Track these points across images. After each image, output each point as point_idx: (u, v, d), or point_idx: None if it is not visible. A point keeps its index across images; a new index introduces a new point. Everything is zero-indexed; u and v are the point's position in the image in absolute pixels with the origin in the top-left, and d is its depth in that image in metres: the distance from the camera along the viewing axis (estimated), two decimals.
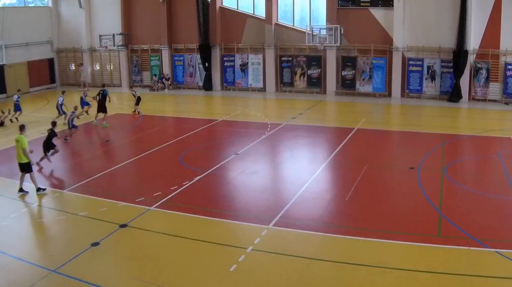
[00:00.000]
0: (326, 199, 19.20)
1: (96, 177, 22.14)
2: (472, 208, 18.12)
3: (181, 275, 13.33)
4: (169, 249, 14.94)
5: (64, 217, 18.08)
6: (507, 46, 41.55)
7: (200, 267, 13.64)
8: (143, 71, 52.08)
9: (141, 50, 51.83)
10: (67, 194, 20.45)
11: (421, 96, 44.11)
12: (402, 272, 13.24)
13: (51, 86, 53.76)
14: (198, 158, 25.33)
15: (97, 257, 14.58)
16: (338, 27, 44.14)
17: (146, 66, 51.83)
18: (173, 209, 18.06)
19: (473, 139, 29.01)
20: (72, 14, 53.95)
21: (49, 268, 13.95)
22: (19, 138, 19.48)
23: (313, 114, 37.38)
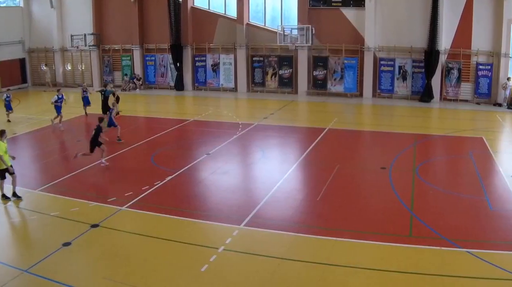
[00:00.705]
0: (298, 199, 18.72)
1: (67, 177, 21.39)
2: (443, 208, 17.69)
3: (153, 275, 13.00)
4: (140, 249, 14.58)
5: (36, 217, 17.47)
6: (479, 46, 40.57)
7: (171, 267, 13.32)
8: (114, 71, 50.24)
9: (113, 50, 50.06)
10: (39, 193, 19.70)
11: (393, 96, 42.90)
12: (374, 272, 12.99)
13: (22, 86, 51.92)
14: (169, 158, 24.63)
15: (69, 257, 14.19)
16: (309, 27, 42.63)
17: (117, 66, 50.13)
18: (144, 209, 17.58)
19: (444, 140, 28.47)
20: (44, 14, 51.99)
21: (21, 268, 13.56)
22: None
23: (285, 114, 36.37)
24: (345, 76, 43.54)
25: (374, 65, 42.69)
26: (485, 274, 12.92)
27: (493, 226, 16.11)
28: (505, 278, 12.58)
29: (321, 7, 43.77)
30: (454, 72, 41.72)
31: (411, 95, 42.41)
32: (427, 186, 19.87)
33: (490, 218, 16.76)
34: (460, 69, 41.52)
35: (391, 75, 42.85)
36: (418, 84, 42.35)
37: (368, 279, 12.64)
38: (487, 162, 23.34)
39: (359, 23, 42.79)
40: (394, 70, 42.67)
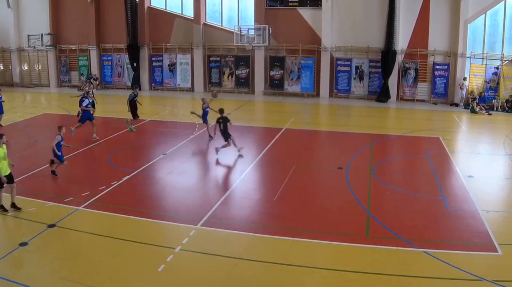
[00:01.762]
0: (255, 199, 17.88)
1: (24, 177, 19.88)
2: (400, 208, 17.05)
3: (110, 274, 12.35)
4: (97, 249, 13.83)
5: None
6: (435, 46, 39.00)
7: (128, 267, 12.70)
8: (71, 71, 47.76)
9: (70, 50, 47.51)
10: None
11: (350, 96, 41.02)
12: (331, 272, 12.43)
13: None
14: (126, 158, 23.51)
15: (26, 257, 13.48)
16: (266, 27, 40.38)
17: (74, 66, 47.58)
18: (101, 209, 16.69)
19: (401, 139, 27.45)
20: (1, 14, 48.80)
21: None
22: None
23: (242, 114, 34.66)
24: (302, 76, 41.42)
25: (331, 65, 40.62)
26: (442, 274, 12.35)
27: (449, 225, 15.50)
28: (462, 278, 12.06)
29: (278, 7, 41.52)
30: (411, 72, 39.90)
31: (368, 95, 40.60)
32: (384, 186, 19.11)
33: (446, 218, 16.12)
34: (417, 69, 39.77)
35: (348, 75, 40.85)
36: (375, 84, 40.48)
37: (325, 279, 12.13)
38: (444, 162, 22.63)
39: (316, 23, 40.67)
40: (351, 70, 40.73)
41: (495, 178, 20.39)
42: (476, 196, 17.72)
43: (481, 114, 36.38)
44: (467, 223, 15.58)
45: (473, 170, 21.05)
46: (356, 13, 39.96)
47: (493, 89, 39.07)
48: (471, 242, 14.17)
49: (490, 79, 39.05)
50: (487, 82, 39.11)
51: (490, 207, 16.86)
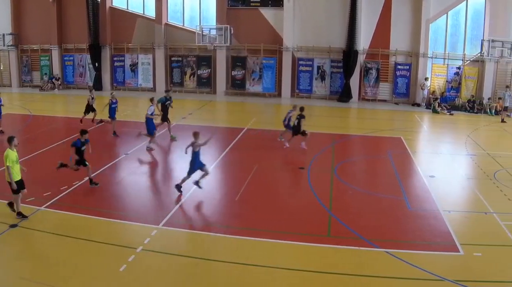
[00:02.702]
0: (216, 199, 17.39)
1: None
2: (362, 208, 16.54)
3: (72, 275, 11.84)
4: (59, 249, 13.24)
5: None
6: (397, 46, 37.80)
7: (90, 267, 12.17)
8: (33, 71, 45.09)
9: (31, 50, 44.82)
10: None
11: (311, 96, 39.44)
12: (292, 272, 12.01)
13: None
14: (88, 158, 21.24)
15: None
16: (228, 27, 38.53)
17: (36, 66, 44.97)
18: (63, 209, 15.95)
19: (363, 140, 26.76)
20: None
21: None
22: (5, 154, 14.69)
23: (203, 114, 33.34)
24: (264, 76, 39.59)
25: (292, 65, 38.88)
26: (404, 274, 11.96)
27: (411, 226, 15.08)
28: (424, 278, 11.67)
29: (240, 7, 39.63)
30: (373, 72, 38.43)
31: (330, 95, 39.07)
32: (346, 186, 18.52)
33: (408, 218, 15.66)
34: (378, 69, 38.33)
35: (309, 75, 39.17)
36: (336, 84, 38.91)
37: (287, 279, 11.73)
38: (405, 162, 22.09)
39: (277, 23, 38.92)
40: (312, 70, 39.08)
41: (456, 177, 19.96)
42: (438, 196, 17.35)
43: (443, 114, 35.34)
44: (429, 223, 15.18)
45: (434, 170, 20.55)
46: (318, 13, 38.33)
47: (454, 89, 37.98)
48: (433, 242, 13.81)
49: (452, 79, 37.90)
50: (449, 82, 37.98)
51: (452, 207, 16.52)
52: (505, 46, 36.01)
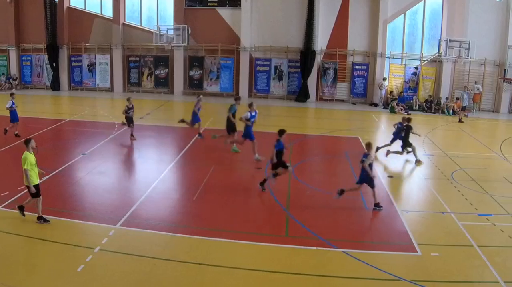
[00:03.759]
0: (174, 198, 16.85)
1: None
2: (319, 208, 16.00)
3: (29, 275, 11.45)
4: (16, 249, 12.80)
5: None
6: (355, 46, 36.47)
7: (47, 267, 11.76)
8: None
9: None
10: None
11: (269, 96, 37.75)
12: (250, 272, 11.71)
13: None
14: (45, 158, 20.54)
15: None
16: (185, 27, 36.74)
17: None
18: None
19: (320, 139, 26.08)
20: None
21: None
22: (24, 156, 13.80)
23: (161, 114, 32.11)
24: (221, 76, 37.83)
25: (250, 65, 37.25)
26: (361, 274, 11.66)
27: (369, 226, 14.92)
28: (381, 278, 11.39)
29: (197, 7, 37.94)
30: (330, 72, 36.97)
31: (287, 95, 37.53)
32: (303, 186, 17.97)
33: (366, 218, 15.47)
34: (336, 69, 36.88)
35: (267, 75, 37.53)
36: (294, 84, 37.32)
37: (244, 279, 11.43)
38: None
39: (235, 23, 37.28)
40: (270, 70, 37.43)
41: (414, 178, 19.70)
42: (396, 196, 17.15)
43: (401, 114, 33.90)
44: (387, 223, 14.93)
45: (392, 170, 20.28)
46: (276, 13, 36.79)
47: (412, 89, 36.71)
48: (391, 242, 13.54)
49: (409, 79, 36.67)
50: (406, 82, 36.71)
51: (410, 207, 16.26)
52: (462, 46, 35.12)
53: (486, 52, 35.66)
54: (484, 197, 17.16)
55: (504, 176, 19.79)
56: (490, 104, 36.70)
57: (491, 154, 23.49)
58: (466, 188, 18.17)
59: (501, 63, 35.26)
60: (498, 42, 35.67)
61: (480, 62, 35.94)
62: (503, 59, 34.64)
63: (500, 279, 11.45)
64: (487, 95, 36.51)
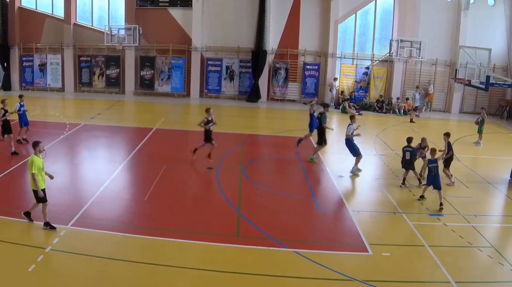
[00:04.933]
0: (125, 199, 16.49)
1: None
2: (271, 208, 15.74)
3: None
4: None
5: None
6: (306, 46, 35.47)
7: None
8: None
9: None
10: None
11: (220, 96, 36.40)
12: (201, 272, 11.48)
13: None
14: None
15: None
16: (136, 27, 35.11)
17: None
18: None
19: (272, 139, 25.54)
20: None
21: None
22: (30, 160, 13.22)
23: (112, 114, 30.86)
24: (172, 76, 36.32)
25: (201, 65, 35.83)
26: (313, 274, 11.53)
27: (320, 226, 14.68)
28: (333, 278, 11.29)
29: (149, 7, 36.45)
30: (281, 72, 35.86)
31: (238, 95, 36.21)
32: (255, 186, 17.74)
33: (317, 218, 15.26)
34: (287, 69, 35.67)
35: (218, 75, 36.16)
36: (245, 84, 36.05)
37: (196, 279, 11.25)
38: (314, 162, 20.81)
39: (186, 23, 35.85)
40: (221, 70, 36.08)
41: (365, 178, 19.25)
42: (347, 196, 17.03)
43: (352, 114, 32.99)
44: (338, 223, 14.90)
45: (343, 170, 19.71)
46: (227, 14, 35.48)
47: (363, 89, 35.77)
48: (342, 242, 13.49)
49: (361, 79, 35.74)
50: (358, 82, 35.77)
51: (361, 207, 16.07)
52: (413, 46, 34.37)
53: (438, 52, 34.93)
54: (435, 197, 16.74)
55: (456, 176, 19.34)
56: (441, 104, 36.04)
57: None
58: (417, 188, 17.96)
59: (453, 63, 34.38)
60: (449, 42, 34.96)
61: (431, 62, 35.21)
62: (454, 59, 33.67)
63: (451, 279, 11.38)
64: (438, 95, 35.81)
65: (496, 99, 35.55)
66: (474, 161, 23.11)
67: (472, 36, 33.78)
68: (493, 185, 19.32)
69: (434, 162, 15.82)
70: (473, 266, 12.30)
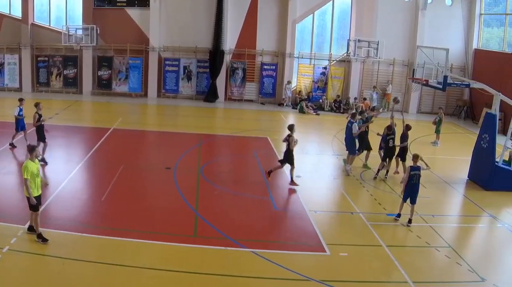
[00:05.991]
0: (82, 199, 16.13)
1: None
2: (228, 208, 15.76)
3: None
4: None
5: None
6: (264, 46, 34.89)
7: None
8: None
9: None
10: None
11: (178, 96, 35.68)
12: (159, 272, 11.33)
13: None
14: None
15: None
16: (94, 27, 34.37)
17: None
18: None
19: (229, 140, 25.42)
20: None
21: None
22: (24, 165, 12.38)
23: (70, 114, 30.03)
24: (130, 76, 35.66)
25: (159, 65, 35.13)
26: (270, 274, 11.48)
27: (278, 226, 14.67)
28: (290, 278, 11.24)
29: (106, 7, 35.68)
30: (239, 72, 35.30)
31: (196, 95, 35.51)
32: (212, 186, 17.58)
33: (275, 218, 15.22)
34: (245, 69, 35.12)
35: (176, 75, 35.47)
36: (203, 84, 35.38)
37: (153, 279, 11.07)
38: (272, 162, 20.30)
39: (144, 23, 35.10)
40: (179, 70, 35.37)
41: (323, 178, 19.37)
42: (304, 196, 16.74)
43: (309, 114, 32.71)
44: (295, 223, 14.71)
45: (301, 170, 19.21)
46: (184, 13, 34.81)
47: (321, 89, 35.33)
48: (300, 242, 13.37)
49: (318, 79, 35.28)
50: (315, 82, 35.32)
51: (318, 207, 15.93)
52: (371, 46, 34.05)
53: (395, 52, 34.67)
54: (393, 197, 16.85)
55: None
56: (399, 104, 35.58)
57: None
58: (374, 188, 18.03)
59: (410, 63, 34.10)
60: (407, 42, 34.73)
61: (389, 62, 34.92)
62: (412, 59, 33.36)
63: (409, 279, 11.39)
64: (396, 95, 35.45)
65: (454, 99, 35.17)
66: (431, 161, 22.64)
67: (430, 36, 33.50)
68: (450, 185, 19.42)
69: (417, 169, 14.90)
70: (431, 266, 12.32)
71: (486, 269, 12.22)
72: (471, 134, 28.13)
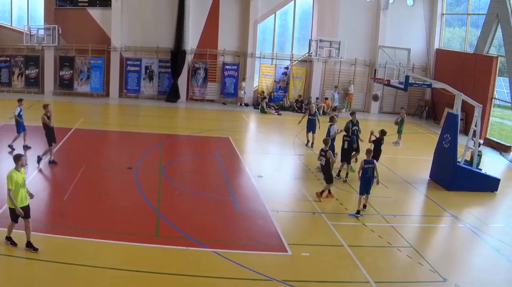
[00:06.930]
0: (44, 199, 15.65)
1: None
2: (190, 208, 15.59)
3: None
4: None
5: None
6: (225, 46, 34.54)
7: None
8: None
9: None
10: None
11: (139, 96, 35.13)
12: (120, 272, 11.15)
13: None
14: None
15: None
16: (56, 27, 33.81)
17: None
18: None
19: (191, 140, 25.18)
20: None
21: None
22: (9, 175, 11.73)
23: (31, 114, 28.33)
24: (92, 76, 35.11)
25: (120, 65, 34.61)
26: (232, 274, 11.43)
27: (239, 226, 14.53)
28: (252, 278, 11.18)
29: (68, 7, 35.17)
30: (201, 72, 34.90)
31: (158, 95, 35.01)
32: (174, 186, 17.53)
33: (236, 218, 15.10)
34: (206, 69, 34.72)
35: (137, 75, 34.93)
36: (164, 84, 34.92)
37: (115, 279, 10.89)
38: (233, 162, 20.98)
39: (105, 23, 34.54)
40: (140, 70, 34.85)
41: (285, 177, 19.28)
42: (266, 196, 16.62)
43: (271, 114, 32.42)
44: (257, 223, 14.60)
45: (262, 170, 19.68)
46: (146, 13, 34.30)
47: (282, 89, 35.01)
48: (261, 242, 13.33)
49: (280, 79, 34.94)
50: (277, 82, 34.99)
51: (280, 207, 15.87)
52: (333, 46, 33.82)
53: (357, 52, 34.48)
54: (354, 197, 16.60)
55: (375, 176, 18.82)
56: (360, 104, 35.44)
57: (361, 154, 22.19)
58: (336, 188, 17.69)
59: (372, 63, 33.92)
60: (368, 42, 34.57)
61: (350, 62, 34.71)
62: (373, 59, 33.18)
63: (370, 279, 11.33)
64: (357, 95, 35.27)
65: (416, 99, 35.04)
66: (393, 161, 22.95)
67: (392, 36, 33.36)
68: (412, 185, 19.35)
69: (371, 163, 15.28)
70: (393, 266, 12.31)
71: (447, 269, 12.20)
72: (433, 135, 28.05)
